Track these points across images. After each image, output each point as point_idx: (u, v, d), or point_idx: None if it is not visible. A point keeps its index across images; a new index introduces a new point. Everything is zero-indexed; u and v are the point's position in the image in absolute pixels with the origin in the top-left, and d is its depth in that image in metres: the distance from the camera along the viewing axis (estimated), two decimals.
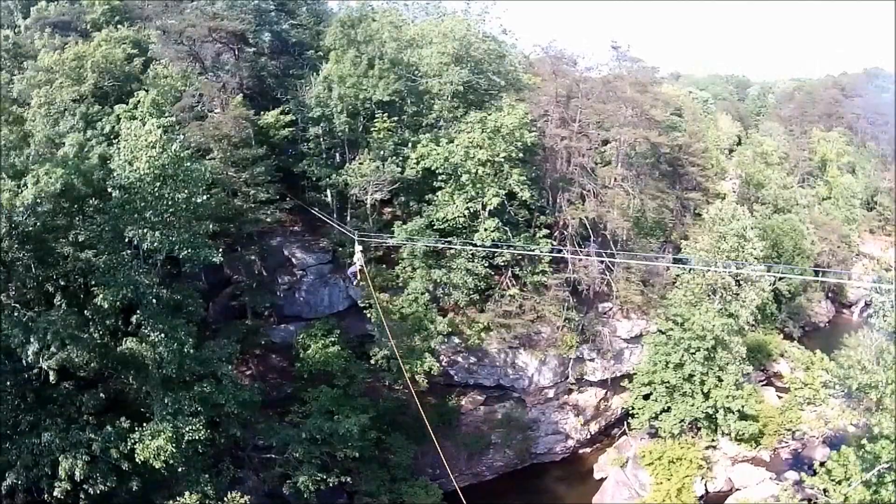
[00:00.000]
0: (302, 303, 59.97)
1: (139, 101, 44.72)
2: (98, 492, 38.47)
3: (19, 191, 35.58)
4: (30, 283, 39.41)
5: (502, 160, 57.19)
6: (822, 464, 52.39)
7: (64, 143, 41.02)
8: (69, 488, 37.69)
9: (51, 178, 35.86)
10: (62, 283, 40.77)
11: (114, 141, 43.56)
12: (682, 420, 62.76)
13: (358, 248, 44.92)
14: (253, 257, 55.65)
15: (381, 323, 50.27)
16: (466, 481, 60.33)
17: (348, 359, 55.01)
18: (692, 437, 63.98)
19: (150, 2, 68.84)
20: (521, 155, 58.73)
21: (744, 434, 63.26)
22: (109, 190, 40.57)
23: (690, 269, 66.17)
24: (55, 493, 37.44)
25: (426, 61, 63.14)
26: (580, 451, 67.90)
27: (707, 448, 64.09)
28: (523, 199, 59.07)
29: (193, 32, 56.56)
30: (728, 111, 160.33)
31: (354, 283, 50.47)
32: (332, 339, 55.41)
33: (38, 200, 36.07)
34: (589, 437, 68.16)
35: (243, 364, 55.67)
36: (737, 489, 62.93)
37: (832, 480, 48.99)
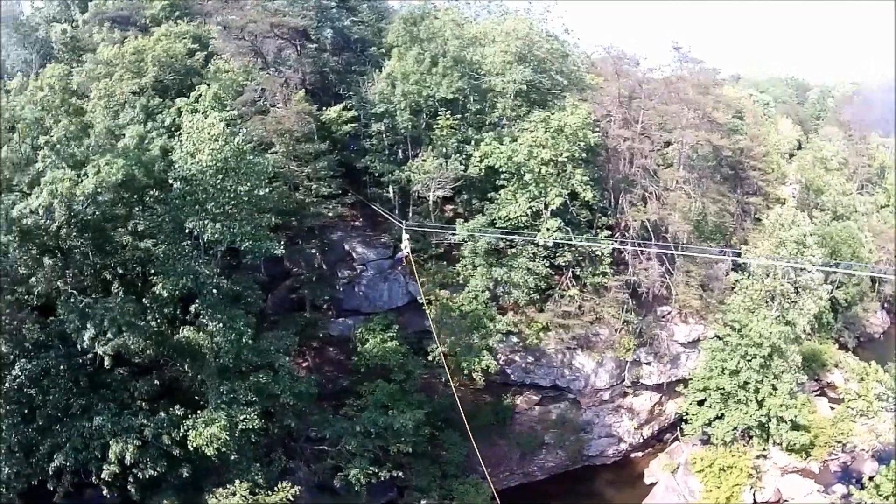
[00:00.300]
0: (361, 297, 58.46)
1: (200, 95, 43.46)
2: (147, 476, 37.88)
3: (79, 180, 34.46)
4: (87, 271, 38.70)
5: (565, 160, 54.81)
6: (870, 478, 51.48)
7: (124, 135, 39.89)
8: (117, 471, 37.11)
9: (112, 168, 34.72)
10: (120, 272, 40.09)
11: (174, 133, 42.61)
12: (735, 427, 60.21)
13: (405, 236, 50.75)
14: (313, 251, 54.59)
15: (426, 313, 50.43)
16: (517, 480, 58.92)
17: (406, 354, 53.48)
18: (743, 446, 61.39)
19: None
20: (583, 155, 56.28)
21: (795, 444, 60.44)
22: (170, 181, 39.61)
23: (749, 276, 63.78)
24: (103, 476, 36.86)
25: (489, 60, 61.03)
26: (632, 455, 65.37)
27: (757, 457, 61.33)
28: (586, 199, 56.64)
29: (255, 28, 55.71)
30: (788, 114, 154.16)
31: (399, 267, 56.48)
32: (391, 335, 53.69)
33: (99, 190, 35.06)
34: (641, 441, 65.43)
35: (300, 356, 54.38)
36: (785, 500, 60.14)
37: (880, 495, 47.94)
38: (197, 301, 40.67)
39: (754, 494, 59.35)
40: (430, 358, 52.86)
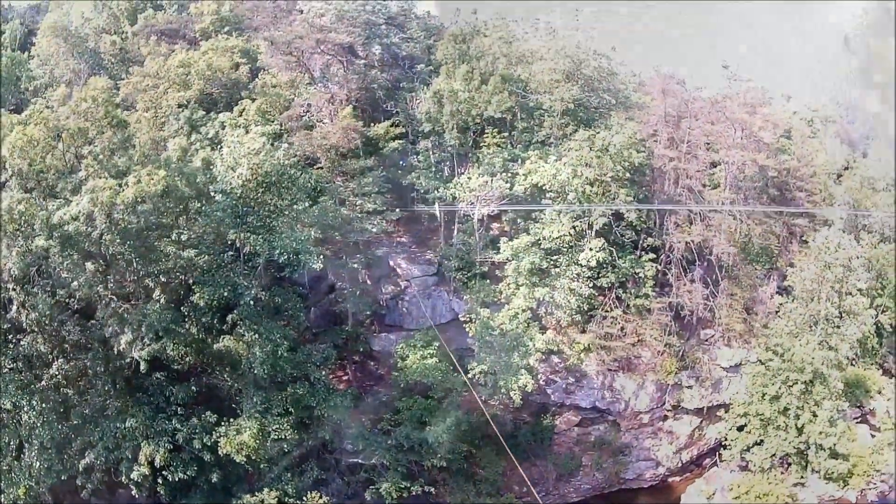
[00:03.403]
0: (404, 313, 57.03)
1: (244, 109, 42.54)
2: (177, 479, 38.30)
3: (120, 189, 33.96)
4: (130, 277, 38.63)
5: (609, 180, 52.67)
6: None
7: (168, 147, 39.15)
8: (147, 473, 37.56)
9: (152, 179, 33.82)
10: (163, 280, 39.85)
11: (215, 146, 42.15)
12: (774, 454, 57.14)
13: None
14: (357, 265, 53.20)
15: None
16: (552, 501, 56.66)
17: (446, 371, 51.42)
18: (781, 473, 58.20)
19: (258, 13, 66.58)
20: (628, 175, 54.03)
21: (833, 473, 56.98)
22: (213, 193, 39.23)
23: (794, 299, 60.59)
24: (132, 476, 37.36)
25: (537, 77, 58.95)
26: (669, 480, 62.09)
27: (794, 485, 57.86)
28: (630, 220, 54.30)
29: (301, 44, 55.06)
30: (839, 134, 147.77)
31: None
32: (431, 352, 51.76)
33: (139, 200, 34.68)
34: (680, 465, 62.06)
35: (341, 369, 53.34)
36: None
37: None
38: (234, 311, 40.35)
39: None
40: (469, 376, 50.83)
